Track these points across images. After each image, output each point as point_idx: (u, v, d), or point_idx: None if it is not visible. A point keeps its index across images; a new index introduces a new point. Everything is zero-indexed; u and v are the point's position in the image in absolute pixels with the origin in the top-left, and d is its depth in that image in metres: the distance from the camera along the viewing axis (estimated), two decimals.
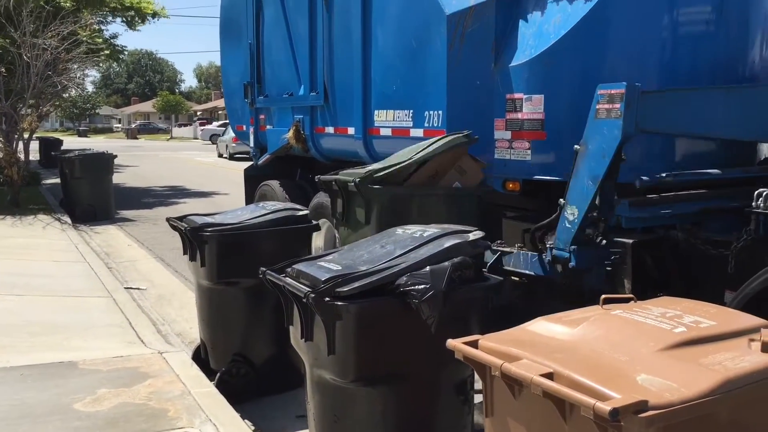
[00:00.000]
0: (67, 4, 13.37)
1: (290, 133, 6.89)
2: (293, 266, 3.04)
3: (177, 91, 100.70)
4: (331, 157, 6.82)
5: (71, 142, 34.96)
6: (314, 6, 6.53)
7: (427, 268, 2.75)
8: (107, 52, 16.65)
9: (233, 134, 34.86)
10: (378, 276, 2.75)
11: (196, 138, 63.64)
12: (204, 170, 25.10)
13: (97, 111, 79.46)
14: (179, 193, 17.60)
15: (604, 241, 3.80)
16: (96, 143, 49.50)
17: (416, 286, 2.70)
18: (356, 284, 2.71)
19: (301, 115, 6.86)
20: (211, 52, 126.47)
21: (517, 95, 4.49)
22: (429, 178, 4.30)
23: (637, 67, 4.28)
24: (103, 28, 19.14)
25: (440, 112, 4.94)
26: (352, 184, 4.15)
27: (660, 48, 4.39)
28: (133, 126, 77.46)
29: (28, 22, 12.04)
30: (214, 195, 16.62)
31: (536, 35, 4.43)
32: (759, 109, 4.10)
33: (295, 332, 2.99)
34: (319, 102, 6.52)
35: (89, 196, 12.34)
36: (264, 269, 3.10)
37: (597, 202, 3.75)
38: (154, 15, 18.79)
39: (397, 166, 4.23)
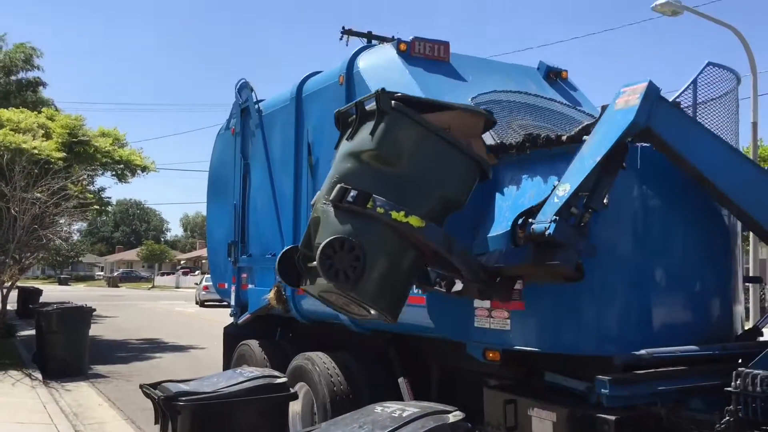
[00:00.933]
0: (59, 162, 13.71)
1: (271, 294, 6.89)
2: None
3: (162, 240, 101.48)
4: (312, 318, 6.79)
5: (51, 291, 34.64)
6: (299, 170, 6.76)
7: None
8: (97, 207, 16.92)
9: (204, 283, 34.74)
10: None
11: (178, 287, 63.41)
12: (183, 321, 24.77)
13: (80, 259, 79.43)
14: (156, 346, 17.26)
15: (583, 224, 3.81)
16: (76, 292, 49.08)
17: None
18: None
19: None
20: (198, 203, 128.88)
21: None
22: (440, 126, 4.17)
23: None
24: (92, 180, 19.56)
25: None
26: (375, 100, 3.99)
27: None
28: (115, 274, 77.30)
29: (20, 178, 12.31)
30: (192, 349, 16.30)
31: (512, 208, 4.57)
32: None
33: None
34: None
35: (64, 351, 12.05)
36: None
37: (591, 182, 3.81)
38: (144, 169, 19.26)
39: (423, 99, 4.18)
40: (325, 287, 4.01)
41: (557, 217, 3.74)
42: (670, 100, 4.21)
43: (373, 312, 4.07)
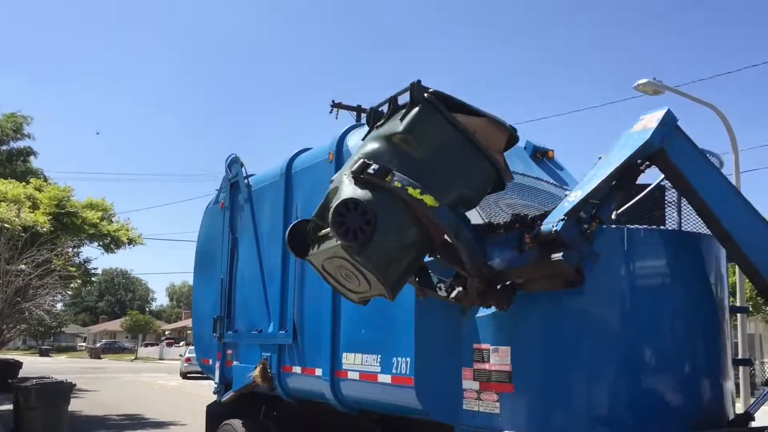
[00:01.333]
0: (45, 230, 13.64)
1: (257, 372, 6.77)
2: None
3: (147, 309, 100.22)
4: (298, 397, 6.66)
5: (32, 363, 33.96)
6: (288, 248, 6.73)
7: None
8: (79, 281, 16.77)
9: (188, 355, 34.27)
10: None
11: (161, 359, 62.32)
12: (166, 395, 24.21)
13: (62, 329, 78.09)
14: (137, 423, 16.79)
15: (589, 231, 3.86)
16: (57, 364, 48.07)
17: None
18: None
19: (269, 352, 6.80)
20: (185, 273, 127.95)
21: (484, 345, 4.53)
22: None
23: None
24: (78, 251, 19.44)
25: (408, 359, 4.93)
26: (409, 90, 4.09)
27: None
28: (98, 345, 75.95)
29: (5, 249, 12.22)
30: (173, 426, 15.88)
31: None
32: None
33: None
34: (287, 340, 6.49)
35: (42, 428, 11.73)
36: None
37: (601, 193, 3.90)
38: (131, 242, 19.22)
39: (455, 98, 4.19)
40: (331, 251, 3.98)
41: (565, 218, 3.82)
42: (654, 184, 4.30)
43: (372, 287, 4.02)
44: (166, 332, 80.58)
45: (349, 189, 3.96)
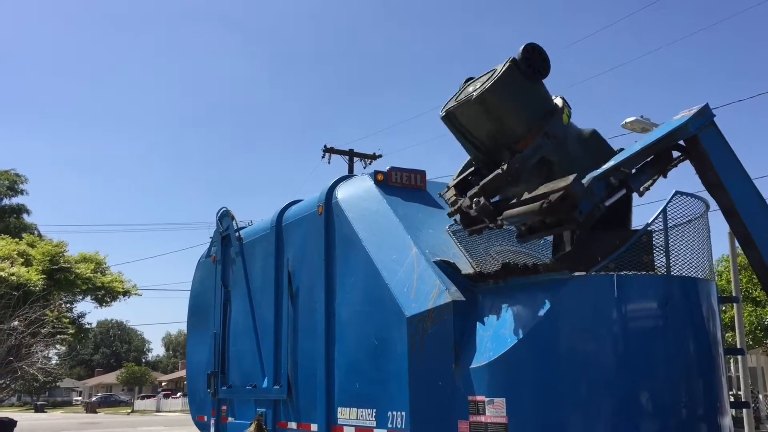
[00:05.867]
0: (38, 289, 13.57)
1: (252, 428, 6.68)
2: None
3: (143, 360, 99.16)
4: None
5: (26, 420, 33.37)
6: (280, 301, 6.72)
7: None
8: (72, 332, 16.62)
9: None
10: None
11: (158, 411, 61.41)
12: None
13: (57, 384, 77.03)
14: None
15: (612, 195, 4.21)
16: (52, 420, 47.26)
17: None
18: None
19: (264, 408, 6.72)
20: (181, 323, 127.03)
21: (479, 397, 4.48)
22: None
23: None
24: (71, 306, 19.30)
25: (403, 413, 4.88)
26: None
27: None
28: (93, 399, 74.83)
29: None
30: None
31: (493, 338, 4.54)
32: None
33: None
34: (282, 396, 6.42)
35: None
36: None
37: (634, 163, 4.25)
38: (125, 293, 19.10)
39: None
40: None
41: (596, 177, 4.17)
42: (643, 227, 4.35)
43: None
44: (163, 383, 79.50)
45: None
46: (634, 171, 4.46)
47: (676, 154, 4.65)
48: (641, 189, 4.49)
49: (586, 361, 4.33)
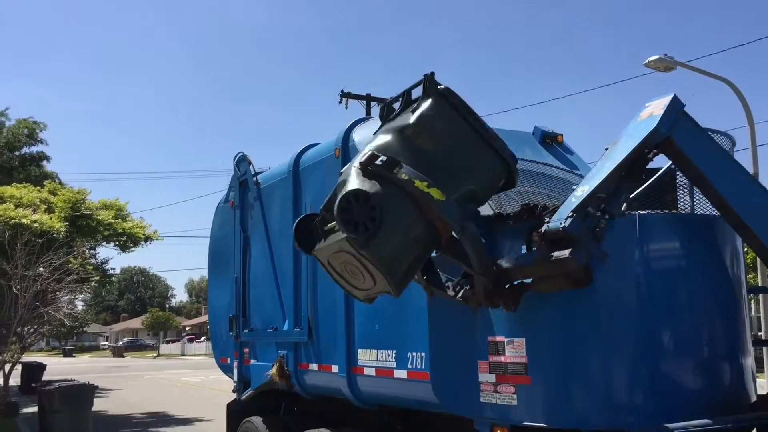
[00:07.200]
0: (61, 236, 13.73)
1: (274, 370, 6.78)
2: None
3: (167, 306, 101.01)
4: (315, 393, 6.66)
5: (55, 365, 34.37)
6: None
7: None
8: (97, 278, 16.88)
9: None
10: None
11: (183, 354, 62.80)
12: (189, 392, 24.41)
13: (84, 329, 78.93)
14: (161, 420, 16.95)
15: (598, 229, 3.74)
16: (81, 364, 48.60)
17: None
18: None
19: (286, 350, 6.80)
20: (203, 269, 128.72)
21: (498, 338, 4.49)
22: None
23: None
24: (94, 253, 19.57)
25: (423, 353, 4.91)
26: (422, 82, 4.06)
27: None
28: (120, 344, 76.67)
29: (22, 255, 12.30)
30: (198, 422, 16.01)
31: None
32: None
33: None
34: (303, 338, 6.49)
35: (68, 431, 11.84)
36: None
37: (609, 186, 3.80)
38: (147, 239, 19.28)
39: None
40: (336, 245, 3.94)
41: (574, 214, 3.74)
42: (664, 168, 4.22)
43: (377, 283, 3.98)
44: (187, 328, 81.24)
45: (355, 181, 3.91)
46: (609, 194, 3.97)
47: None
48: (623, 209, 4.07)
49: (608, 301, 4.30)
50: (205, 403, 19.18)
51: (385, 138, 4.08)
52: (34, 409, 15.02)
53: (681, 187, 4.47)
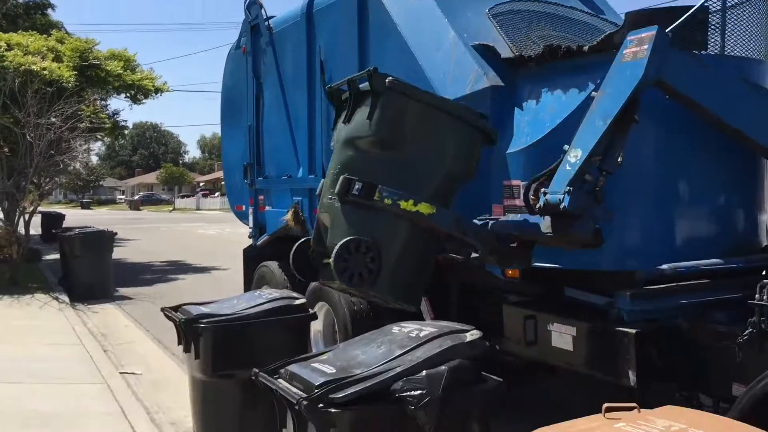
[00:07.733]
0: (70, 85, 13.58)
1: (289, 215, 6.88)
2: (286, 367, 2.96)
3: (180, 162, 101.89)
4: None
5: (73, 215, 35.19)
6: (313, 89, 6.62)
7: (423, 373, 2.67)
8: (109, 125, 16.86)
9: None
10: (372, 381, 2.67)
11: (198, 209, 64.09)
12: (205, 243, 25.11)
13: (101, 183, 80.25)
14: (179, 268, 17.55)
15: (598, 188, 3.70)
16: (99, 216, 49.80)
17: (412, 392, 2.61)
18: (350, 390, 2.64)
19: (300, 197, 6.87)
20: (215, 125, 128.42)
21: (514, 182, 4.48)
22: None
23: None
24: (105, 104, 19.43)
25: None
26: (368, 80, 3.88)
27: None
28: (136, 197, 78.16)
29: (33, 103, 12.23)
30: (214, 270, 16.56)
31: (531, 123, 4.46)
32: None
33: None
34: (317, 184, 6.51)
35: (88, 275, 12.28)
36: (256, 371, 3.02)
37: (603, 144, 3.68)
38: (157, 91, 19.06)
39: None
40: (343, 287, 4.06)
41: (571, 188, 3.64)
42: (696, 5, 4.02)
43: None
44: (201, 184, 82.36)
45: (341, 221, 3.84)
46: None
47: None
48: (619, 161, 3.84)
49: (628, 146, 4.24)
50: (221, 253, 19.75)
51: (348, 153, 3.98)
52: (56, 255, 15.57)
53: (712, 28, 4.28)
